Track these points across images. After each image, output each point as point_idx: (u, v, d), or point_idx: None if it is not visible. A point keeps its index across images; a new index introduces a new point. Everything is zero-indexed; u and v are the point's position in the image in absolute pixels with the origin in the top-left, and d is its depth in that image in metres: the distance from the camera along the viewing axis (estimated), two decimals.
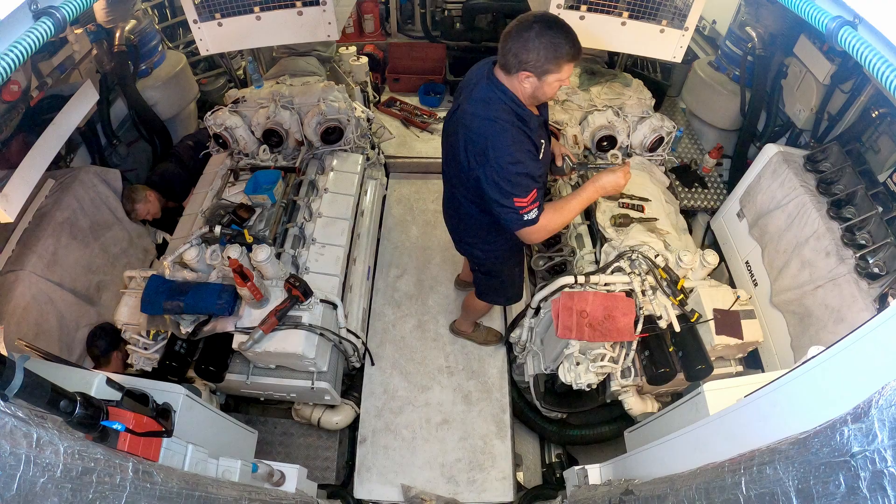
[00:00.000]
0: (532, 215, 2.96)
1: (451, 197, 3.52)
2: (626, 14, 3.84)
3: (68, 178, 4.43)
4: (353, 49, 6.78)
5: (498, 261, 3.82)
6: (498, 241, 3.61)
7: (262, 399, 4.41)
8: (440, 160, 3.52)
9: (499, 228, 3.21)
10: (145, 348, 3.91)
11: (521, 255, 4.16)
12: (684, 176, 5.82)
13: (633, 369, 3.93)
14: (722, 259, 4.96)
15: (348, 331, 4.22)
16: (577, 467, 3.54)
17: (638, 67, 6.89)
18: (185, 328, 3.84)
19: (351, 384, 4.75)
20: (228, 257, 3.65)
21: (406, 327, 5.19)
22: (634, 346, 3.84)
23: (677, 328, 3.80)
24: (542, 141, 3.11)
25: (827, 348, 1.66)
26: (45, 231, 4.08)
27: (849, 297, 3.66)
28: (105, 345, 4.23)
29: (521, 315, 4.36)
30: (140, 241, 4.91)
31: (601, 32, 3.92)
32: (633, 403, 4.04)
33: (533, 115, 2.99)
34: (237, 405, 4.76)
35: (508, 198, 2.89)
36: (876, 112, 4.38)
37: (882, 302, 3.55)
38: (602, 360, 3.70)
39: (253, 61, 5.83)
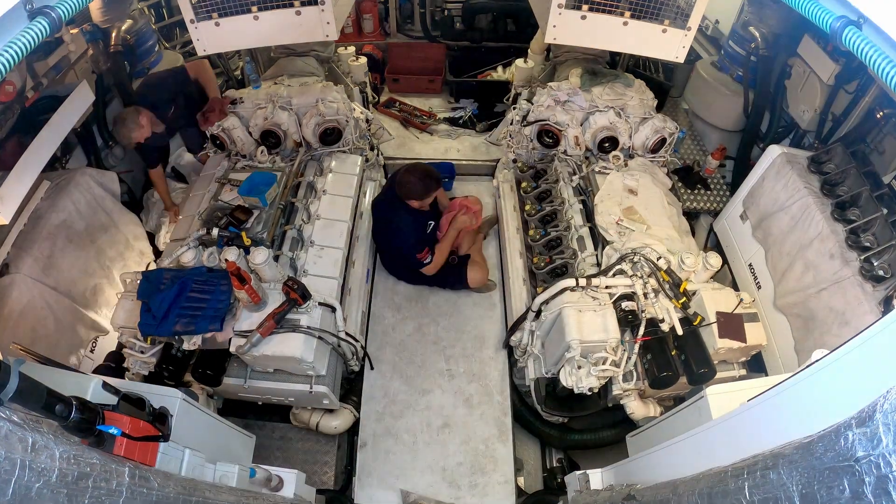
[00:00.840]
0: (427, 260, 4.97)
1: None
2: (627, 14, 3.84)
3: (64, 181, 4.42)
4: (351, 49, 6.77)
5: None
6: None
7: (259, 403, 4.40)
8: (440, 161, 3.60)
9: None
10: (142, 352, 3.91)
11: None
12: (687, 178, 5.81)
13: (634, 373, 3.93)
14: (725, 261, 4.96)
15: (347, 334, 4.22)
16: (578, 472, 3.54)
17: (640, 68, 6.89)
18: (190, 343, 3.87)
19: (350, 388, 4.75)
20: (226, 260, 3.65)
21: (406, 330, 5.19)
22: (636, 349, 3.85)
23: (680, 331, 3.80)
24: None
25: (831, 352, 1.66)
26: (41, 234, 4.07)
27: (853, 299, 3.66)
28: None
29: (522, 318, 4.36)
30: (137, 243, 4.90)
31: (603, 32, 3.93)
32: (635, 407, 4.04)
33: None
34: (235, 409, 4.76)
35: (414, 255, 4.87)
36: (881, 113, 4.38)
37: (887, 305, 3.54)
38: (603, 363, 3.70)
39: (251, 62, 5.84)
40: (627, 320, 3.88)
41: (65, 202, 4.29)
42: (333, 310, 4.11)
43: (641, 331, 3.83)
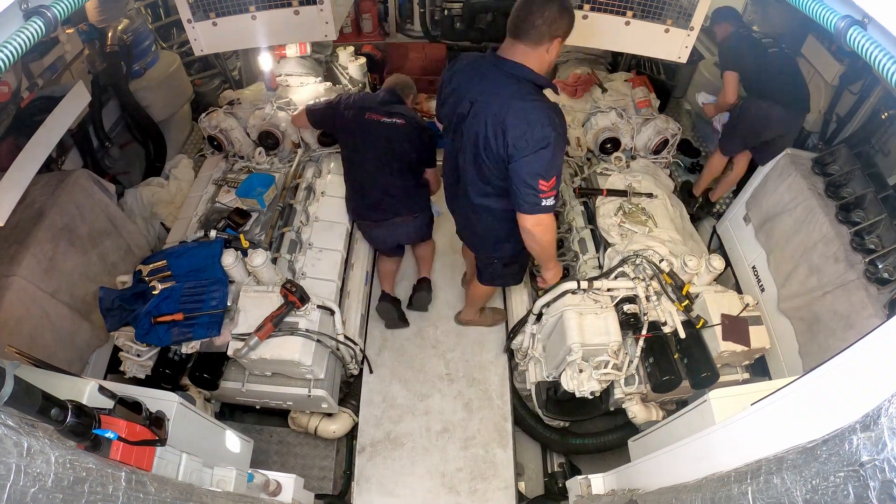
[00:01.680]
0: (549, 202, 3.10)
1: (475, 204, 3.57)
2: (630, 14, 3.84)
3: (68, 181, 4.40)
4: (350, 49, 6.77)
5: (523, 250, 3.73)
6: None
7: (257, 407, 4.41)
8: (439, 162, 3.59)
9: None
10: (138, 355, 3.91)
11: None
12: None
13: (637, 377, 3.93)
14: (728, 264, 4.96)
15: (346, 337, 4.22)
16: (579, 477, 3.54)
17: (642, 68, 6.91)
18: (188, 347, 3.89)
19: (348, 392, 4.74)
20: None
21: (405, 334, 5.18)
22: (638, 353, 3.85)
23: (682, 334, 3.80)
24: None
25: (836, 355, 1.66)
26: (45, 235, 4.04)
27: (858, 303, 3.66)
28: None
29: (523, 321, 4.36)
30: (139, 251, 4.88)
31: (605, 32, 3.93)
32: (638, 411, 4.03)
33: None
34: (232, 413, 4.76)
35: (535, 179, 3.01)
36: (886, 114, 4.40)
37: (892, 308, 3.54)
38: (605, 367, 3.70)
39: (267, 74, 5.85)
40: (629, 323, 3.88)
41: (68, 205, 4.28)
42: (332, 313, 4.12)
43: (644, 332, 3.83)
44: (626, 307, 3.90)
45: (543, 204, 3.08)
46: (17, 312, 3.76)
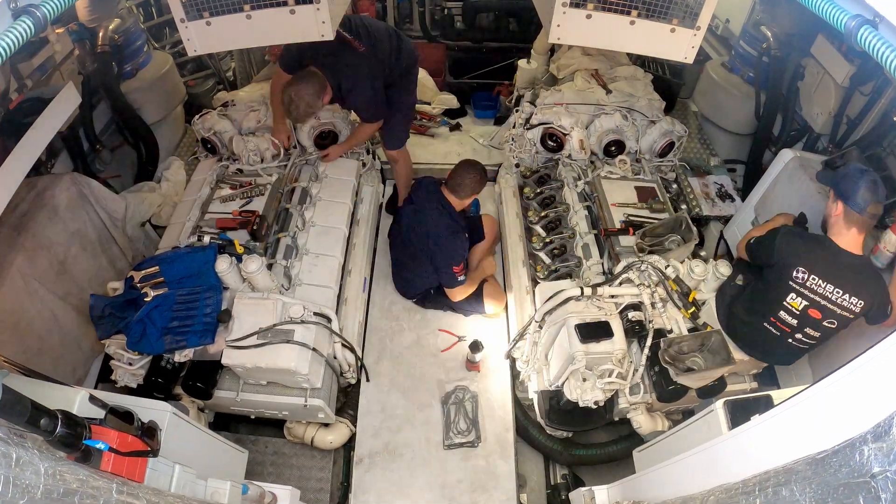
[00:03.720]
0: (462, 278, 4.80)
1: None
2: (634, 13, 3.84)
3: (82, 186, 4.45)
4: None
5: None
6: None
7: (252, 417, 4.40)
8: (439, 166, 3.63)
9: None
10: (130, 364, 3.90)
11: None
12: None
13: (642, 386, 3.92)
14: None
15: (343, 345, 4.22)
16: (583, 489, 3.53)
17: (646, 67, 6.91)
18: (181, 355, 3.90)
19: (346, 401, 4.73)
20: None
21: (404, 342, 5.16)
22: (644, 361, 3.84)
23: None
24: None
25: (846, 364, 1.66)
26: (57, 238, 4.12)
27: None
28: None
29: (525, 329, 4.36)
30: (136, 261, 4.92)
31: (608, 32, 3.93)
32: (643, 421, 4.03)
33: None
34: (227, 423, 4.75)
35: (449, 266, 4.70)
36: None
37: None
38: (609, 376, 3.70)
39: None
40: (634, 331, 3.88)
41: (79, 212, 4.34)
42: (329, 320, 4.12)
43: (649, 342, 3.83)
44: (631, 314, 3.90)
45: (459, 279, 4.81)
46: (29, 315, 3.80)
